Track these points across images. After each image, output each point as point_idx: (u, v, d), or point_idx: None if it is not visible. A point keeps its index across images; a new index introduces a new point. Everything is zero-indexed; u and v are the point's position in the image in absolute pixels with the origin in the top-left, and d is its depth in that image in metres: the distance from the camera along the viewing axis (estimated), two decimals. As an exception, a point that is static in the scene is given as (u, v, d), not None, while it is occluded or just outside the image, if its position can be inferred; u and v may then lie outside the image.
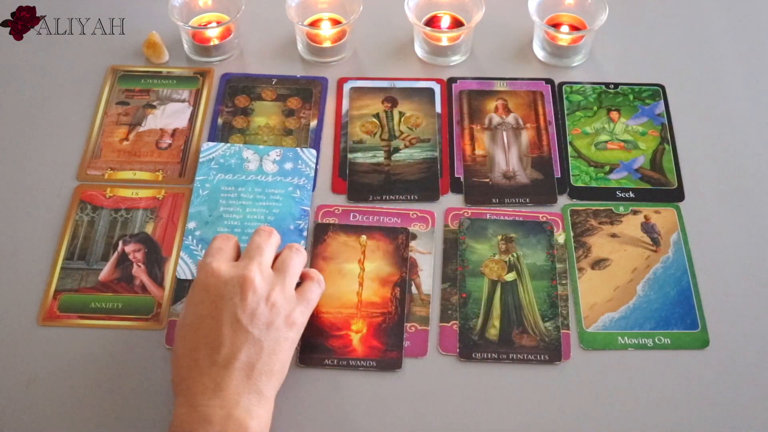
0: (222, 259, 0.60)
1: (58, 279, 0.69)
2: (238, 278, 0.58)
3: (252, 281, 0.58)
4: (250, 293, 0.57)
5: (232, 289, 0.58)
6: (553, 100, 0.81)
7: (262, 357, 0.56)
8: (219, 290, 0.58)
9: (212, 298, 0.58)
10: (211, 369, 0.55)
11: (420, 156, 0.77)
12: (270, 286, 0.59)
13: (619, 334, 0.66)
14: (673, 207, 0.74)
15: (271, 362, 0.57)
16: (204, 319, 0.57)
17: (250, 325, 0.57)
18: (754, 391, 0.64)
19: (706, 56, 0.85)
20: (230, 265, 0.60)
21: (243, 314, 0.57)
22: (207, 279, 0.59)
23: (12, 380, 0.64)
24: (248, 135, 0.78)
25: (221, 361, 0.55)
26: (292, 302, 0.60)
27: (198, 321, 0.58)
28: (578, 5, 0.84)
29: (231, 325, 0.56)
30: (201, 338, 0.57)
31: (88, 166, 0.76)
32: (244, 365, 0.56)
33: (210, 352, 0.56)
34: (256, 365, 0.56)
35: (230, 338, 0.56)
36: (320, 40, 0.83)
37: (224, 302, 0.57)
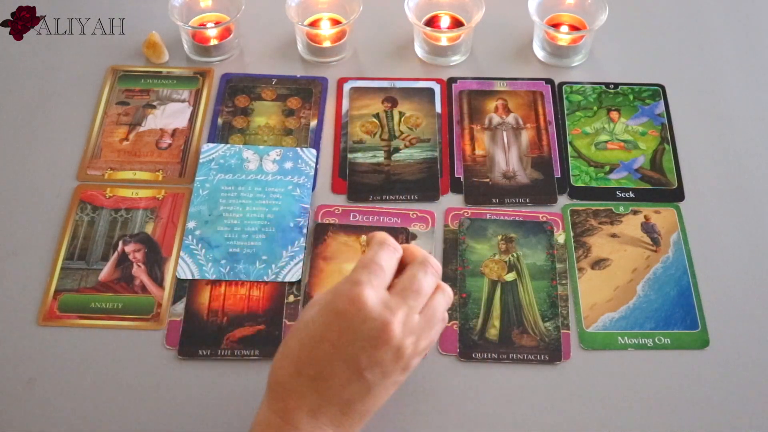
0: (377, 285, 0.53)
1: (58, 279, 0.69)
2: (380, 323, 0.52)
3: (392, 334, 0.52)
4: (383, 346, 0.52)
5: (369, 332, 0.52)
6: (553, 100, 0.81)
7: (365, 400, 0.53)
8: (353, 324, 0.52)
9: (343, 327, 0.52)
10: (312, 393, 0.52)
11: (420, 156, 0.77)
12: (407, 338, 0.53)
13: (619, 334, 0.66)
14: (673, 207, 0.74)
15: (373, 404, 0.54)
16: (324, 342, 0.52)
17: (368, 371, 0.52)
18: (754, 391, 0.64)
19: (706, 56, 0.85)
20: (380, 300, 0.53)
21: (366, 361, 0.52)
22: (349, 306, 0.52)
23: (12, 380, 0.64)
24: (248, 135, 0.78)
25: (324, 391, 0.52)
26: (420, 353, 0.55)
27: (318, 340, 0.53)
28: (578, 5, 0.84)
29: (349, 364, 0.52)
30: (314, 358, 0.53)
31: (88, 166, 0.76)
32: (345, 403, 0.53)
33: (316, 376, 0.52)
34: (356, 405, 0.53)
35: (341, 375, 0.52)
36: (320, 40, 0.83)
37: (353, 339, 0.52)
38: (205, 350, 0.65)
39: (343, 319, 0.52)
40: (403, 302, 0.54)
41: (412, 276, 0.55)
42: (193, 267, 0.69)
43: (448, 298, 0.57)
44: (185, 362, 0.65)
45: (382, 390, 0.54)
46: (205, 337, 0.66)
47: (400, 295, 0.54)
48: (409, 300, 0.54)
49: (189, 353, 0.65)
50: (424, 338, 0.55)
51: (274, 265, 0.69)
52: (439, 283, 0.57)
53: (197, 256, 0.70)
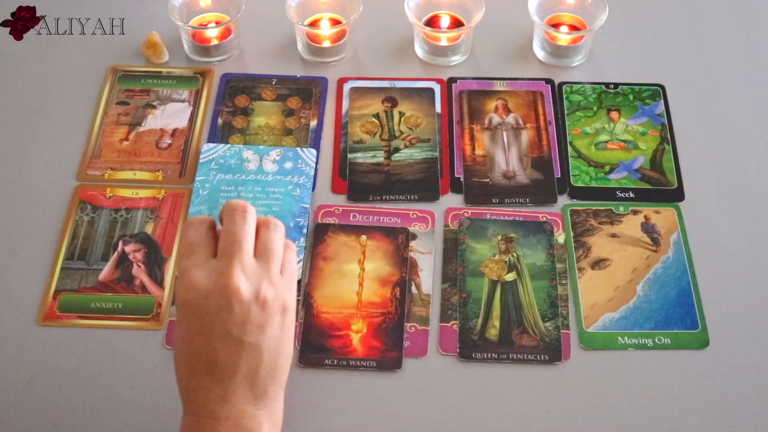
0: (198, 261, 0.54)
1: (58, 279, 0.69)
2: (220, 289, 0.52)
3: (236, 290, 0.52)
4: (236, 304, 0.52)
5: (216, 302, 0.52)
6: (553, 100, 0.81)
7: (263, 360, 0.54)
8: (202, 307, 0.53)
9: (197, 315, 0.53)
10: (212, 384, 0.53)
11: (420, 156, 0.77)
12: (257, 283, 0.54)
13: (619, 334, 0.66)
14: (673, 207, 0.74)
15: (274, 361, 0.55)
16: (194, 336, 0.53)
17: (244, 334, 0.53)
18: (754, 391, 0.64)
19: (706, 56, 0.85)
20: (209, 270, 0.53)
21: (233, 327, 0.52)
22: (187, 294, 0.53)
23: (12, 380, 0.64)
24: (248, 135, 0.78)
25: (220, 376, 0.53)
26: (281, 288, 0.55)
27: (189, 338, 0.53)
28: (578, 5, 0.84)
29: (223, 340, 0.52)
30: (196, 356, 0.53)
31: (88, 166, 0.76)
32: (246, 375, 0.53)
33: (208, 369, 0.53)
34: (258, 371, 0.54)
35: (225, 353, 0.53)
36: (320, 40, 0.83)
37: (211, 319, 0.52)
38: (205, 350, 0.65)
39: (191, 308, 0.53)
40: (229, 259, 0.53)
41: (224, 229, 0.55)
42: (193, 267, 0.69)
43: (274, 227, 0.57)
44: (185, 362, 0.65)
45: (273, 343, 0.54)
46: (205, 337, 0.66)
47: (221, 255, 0.54)
48: (234, 253, 0.54)
49: (189, 353, 0.65)
50: (274, 273, 0.55)
51: (274, 265, 0.69)
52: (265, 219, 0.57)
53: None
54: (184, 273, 0.54)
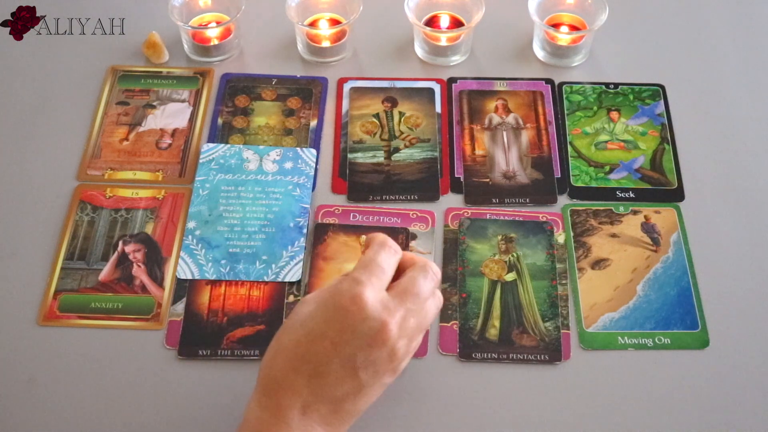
0: (378, 286, 0.54)
1: (58, 279, 0.69)
2: (378, 323, 0.52)
3: (389, 335, 0.53)
4: (379, 346, 0.53)
5: (367, 330, 0.52)
6: (553, 100, 0.81)
7: (356, 399, 0.53)
8: (353, 323, 0.52)
9: (343, 325, 0.52)
10: (305, 390, 0.52)
11: (420, 156, 0.77)
12: (401, 339, 0.54)
13: (619, 334, 0.66)
14: (673, 207, 0.74)
15: (362, 404, 0.54)
16: (324, 338, 0.53)
17: (362, 370, 0.53)
18: (754, 391, 0.64)
19: (706, 56, 0.85)
20: (379, 300, 0.53)
21: (362, 360, 0.52)
22: (350, 305, 0.52)
23: (12, 380, 0.64)
24: (248, 135, 0.78)
25: (318, 388, 0.52)
26: (410, 353, 0.56)
27: (316, 335, 0.53)
28: (578, 5, 0.84)
29: (345, 362, 0.52)
30: (310, 354, 0.53)
31: (88, 166, 0.76)
32: (337, 400, 0.53)
33: (312, 373, 0.52)
34: (347, 404, 0.53)
35: (337, 372, 0.52)
36: (320, 40, 0.83)
37: (351, 338, 0.52)
38: (205, 350, 0.65)
39: (343, 317, 0.53)
40: (401, 304, 0.54)
41: (413, 279, 0.56)
42: (193, 267, 0.69)
43: (439, 303, 0.59)
44: (185, 362, 0.65)
45: (372, 390, 0.54)
46: (205, 337, 0.66)
47: (399, 297, 0.55)
48: (407, 303, 0.55)
49: (189, 353, 0.65)
50: (414, 341, 0.56)
51: (274, 265, 0.69)
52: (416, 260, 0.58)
53: (197, 256, 0.70)
54: (360, 285, 0.53)
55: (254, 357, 0.65)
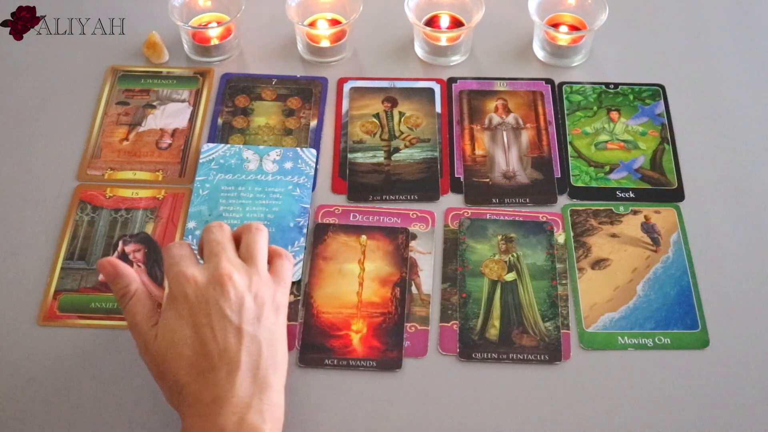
0: (189, 264, 0.57)
1: (58, 279, 0.69)
2: (215, 278, 0.56)
3: (229, 276, 0.56)
4: (231, 289, 0.55)
5: (213, 290, 0.55)
6: (553, 100, 0.81)
7: (263, 352, 0.55)
8: (201, 295, 0.55)
9: (197, 305, 0.55)
10: (217, 378, 0.53)
11: (420, 156, 0.77)
12: (247, 276, 0.57)
13: (619, 334, 0.66)
14: (673, 207, 0.74)
15: (272, 354, 0.55)
16: (196, 328, 0.55)
17: (242, 322, 0.55)
18: (754, 391, 0.64)
19: (706, 56, 0.85)
20: (201, 269, 0.57)
21: (232, 312, 0.55)
22: (185, 288, 0.56)
23: (12, 380, 0.64)
24: (248, 135, 0.78)
25: (224, 367, 0.53)
26: (271, 286, 0.58)
27: (190, 333, 0.55)
28: (578, 5, 0.84)
29: (223, 327, 0.54)
30: (198, 349, 0.54)
31: (88, 166, 0.76)
32: (248, 366, 0.54)
33: (211, 360, 0.54)
34: (260, 363, 0.54)
35: (226, 341, 0.54)
36: (320, 39, 0.83)
37: (209, 306, 0.55)
38: (205, 350, 0.65)
39: (191, 299, 0.55)
40: (216, 257, 0.57)
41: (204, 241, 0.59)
42: (193, 267, 0.69)
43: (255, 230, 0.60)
44: (185, 362, 0.65)
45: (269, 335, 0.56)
46: (205, 337, 0.66)
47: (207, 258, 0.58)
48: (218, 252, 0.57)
49: (189, 353, 0.65)
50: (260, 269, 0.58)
51: (274, 265, 0.69)
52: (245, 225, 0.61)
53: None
54: (180, 273, 0.56)
55: (254, 357, 0.65)
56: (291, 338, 0.66)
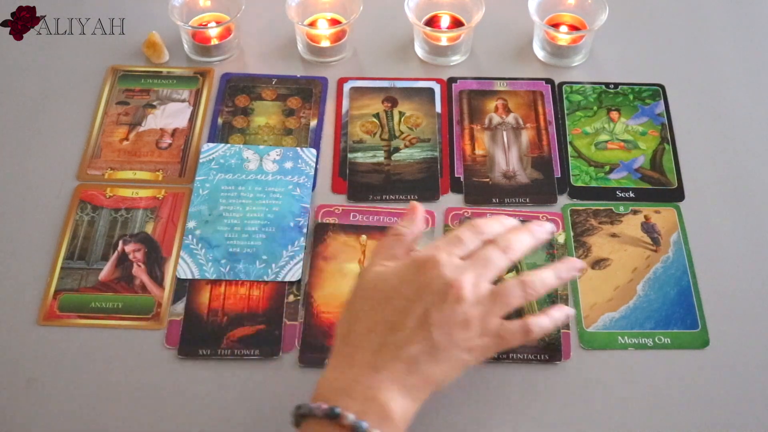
0: (452, 251, 0.57)
1: (58, 279, 0.69)
2: (452, 281, 0.55)
3: (463, 293, 0.54)
4: (452, 302, 0.54)
5: (441, 287, 0.55)
6: (553, 100, 0.81)
7: (429, 360, 0.54)
8: (429, 280, 0.55)
9: (419, 283, 0.55)
10: (380, 348, 0.53)
11: (420, 156, 0.77)
12: (474, 305, 0.55)
13: (619, 334, 0.66)
14: (673, 207, 0.74)
15: (435, 370, 0.54)
16: (400, 296, 0.55)
17: (436, 327, 0.54)
18: (754, 391, 0.64)
19: (706, 56, 0.85)
20: (456, 265, 0.56)
21: (436, 317, 0.54)
22: (426, 263, 0.56)
23: (12, 380, 0.64)
24: (248, 135, 0.78)
25: (392, 343, 0.53)
26: (485, 332, 0.56)
27: (393, 294, 0.55)
28: (578, 5, 0.84)
29: (420, 317, 0.54)
30: (387, 311, 0.55)
31: (88, 166, 0.76)
32: (410, 359, 0.53)
33: (387, 330, 0.54)
34: (420, 365, 0.53)
35: (412, 328, 0.54)
36: (320, 39, 0.83)
37: (427, 294, 0.55)
38: (205, 350, 0.65)
39: (421, 274, 0.55)
40: (472, 267, 0.56)
41: (482, 249, 0.58)
42: (193, 267, 0.69)
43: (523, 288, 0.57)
44: (185, 362, 0.65)
45: (446, 356, 0.54)
46: (205, 337, 0.66)
47: (470, 261, 0.57)
48: (478, 266, 0.56)
49: (189, 353, 0.65)
50: (492, 315, 0.56)
51: (274, 264, 0.69)
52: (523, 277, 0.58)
53: (197, 256, 0.70)
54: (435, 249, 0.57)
55: (254, 357, 0.65)
56: (291, 338, 0.66)
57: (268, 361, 0.65)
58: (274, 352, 0.65)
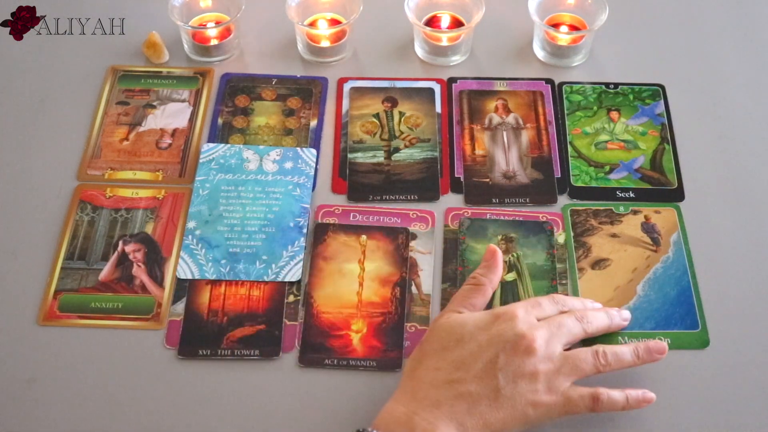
0: (533, 314, 0.60)
1: (58, 279, 0.69)
2: (526, 337, 0.57)
3: (534, 345, 0.56)
4: (523, 352, 0.56)
5: (514, 337, 0.57)
6: (553, 100, 0.81)
7: (490, 403, 0.55)
8: (504, 330, 0.57)
9: (494, 331, 0.57)
10: (444, 384, 0.55)
11: (420, 156, 0.77)
12: (544, 361, 0.57)
13: (619, 334, 0.66)
14: (673, 207, 0.74)
15: (495, 415, 0.55)
16: (473, 340, 0.57)
17: (503, 373, 0.55)
18: (754, 391, 0.64)
19: (706, 56, 0.85)
20: (533, 322, 0.58)
21: (503, 361, 0.56)
22: (503, 315, 0.58)
23: (12, 380, 0.64)
24: (248, 135, 0.78)
25: (457, 380, 0.55)
26: (552, 391, 0.57)
27: (467, 337, 0.57)
28: (578, 5, 0.84)
29: (489, 361, 0.56)
30: (457, 351, 0.57)
31: (88, 166, 0.76)
32: (472, 399, 0.55)
33: (454, 369, 0.56)
34: (481, 407, 0.55)
35: (479, 370, 0.56)
36: (320, 39, 0.83)
37: (499, 343, 0.57)
38: (205, 350, 0.65)
39: (493, 323, 0.58)
40: (546, 326, 0.58)
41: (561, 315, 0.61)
42: (193, 267, 0.69)
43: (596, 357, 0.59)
44: (185, 362, 0.65)
45: (508, 404, 0.55)
46: (205, 337, 0.66)
47: (550, 324, 0.59)
48: (552, 327, 0.59)
49: (189, 353, 0.65)
50: (560, 374, 0.57)
51: (274, 264, 0.70)
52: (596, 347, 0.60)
53: (197, 256, 0.70)
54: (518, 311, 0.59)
55: (254, 357, 0.65)
56: (291, 338, 0.66)
57: (268, 361, 0.65)
58: (274, 353, 0.65)
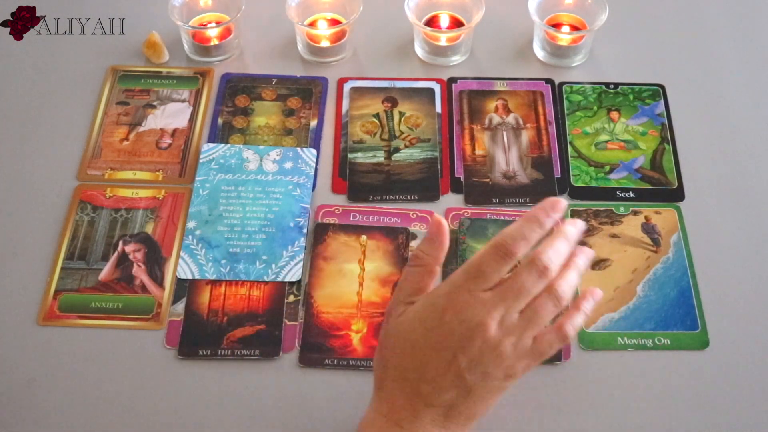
0: (476, 287, 0.53)
1: (58, 279, 0.69)
2: (475, 322, 0.52)
3: (486, 329, 0.52)
4: (478, 341, 0.52)
5: (464, 332, 0.52)
6: (553, 100, 0.81)
7: (467, 401, 0.53)
8: (451, 327, 0.52)
9: (442, 330, 0.53)
10: (413, 396, 0.53)
11: (420, 156, 0.77)
12: (505, 335, 0.52)
13: (619, 335, 0.66)
14: (673, 207, 0.74)
15: (475, 407, 0.54)
16: (427, 344, 0.53)
17: (467, 371, 0.52)
18: (754, 391, 0.64)
19: (706, 56, 0.85)
20: (477, 299, 0.52)
21: (465, 363, 0.52)
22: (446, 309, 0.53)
23: (12, 380, 0.64)
24: (248, 135, 0.78)
25: (425, 393, 0.53)
26: (521, 356, 0.53)
27: (422, 341, 0.53)
28: (578, 5, 0.84)
29: (447, 364, 0.52)
30: (416, 359, 0.53)
31: (88, 166, 0.76)
32: (446, 405, 0.53)
33: (418, 379, 0.53)
34: (458, 407, 0.53)
35: (441, 376, 0.52)
36: (320, 39, 0.83)
37: (450, 341, 0.52)
38: (205, 350, 0.65)
39: (441, 323, 0.53)
40: (500, 301, 0.53)
41: (515, 275, 0.54)
42: (193, 267, 0.69)
43: (555, 300, 0.54)
44: (185, 362, 0.65)
45: (484, 393, 0.53)
46: (205, 337, 0.66)
47: (498, 294, 0.53)
48: (508, 299, 0.53)
49: (189, 353, 0.65)
50: (525, 338, 0.53)
51: (274, 265, 0.70)
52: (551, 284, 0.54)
53: (197, 256, 0.70)
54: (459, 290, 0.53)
55: (254, 357, 0.65)
56: (291, 338, 0.66)
57: (268, 361, 0.65)
58: (274, 353, 0.65)
